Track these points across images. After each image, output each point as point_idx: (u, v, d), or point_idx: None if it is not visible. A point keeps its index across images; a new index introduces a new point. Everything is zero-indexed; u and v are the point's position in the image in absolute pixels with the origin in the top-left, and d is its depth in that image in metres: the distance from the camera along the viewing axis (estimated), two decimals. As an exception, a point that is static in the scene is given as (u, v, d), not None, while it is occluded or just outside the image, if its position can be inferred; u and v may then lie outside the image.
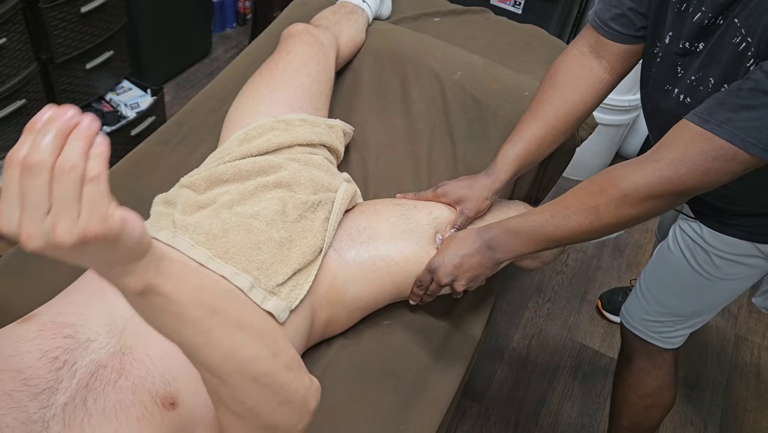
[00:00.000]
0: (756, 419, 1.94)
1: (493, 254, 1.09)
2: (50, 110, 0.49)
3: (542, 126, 1.22)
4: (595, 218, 0.99)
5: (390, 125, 1.52)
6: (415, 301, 1.18)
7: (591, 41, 1.20)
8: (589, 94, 1.22)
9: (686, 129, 0.92)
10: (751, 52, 0.89)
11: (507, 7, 2.31)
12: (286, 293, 1.05)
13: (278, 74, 1.35)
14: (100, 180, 0.49)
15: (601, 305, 2.12)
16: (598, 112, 2.26)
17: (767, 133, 0.86)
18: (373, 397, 1.12)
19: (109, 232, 0.50)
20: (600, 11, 1.17)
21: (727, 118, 0.88)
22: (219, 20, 2.89)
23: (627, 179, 0.96)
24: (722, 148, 0.88)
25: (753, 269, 1.19)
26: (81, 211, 0.49)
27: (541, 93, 1.25)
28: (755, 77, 0.86)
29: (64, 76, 1.96)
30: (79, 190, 0.48)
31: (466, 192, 1.26)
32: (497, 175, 1.24)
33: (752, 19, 0.88)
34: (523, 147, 1.23)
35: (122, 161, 1.40)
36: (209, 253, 1.03)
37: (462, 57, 1.57)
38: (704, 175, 0.91)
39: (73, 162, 0.48)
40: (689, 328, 1.33)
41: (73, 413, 0.76)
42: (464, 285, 1.11)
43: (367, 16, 1.62)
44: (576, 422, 1.85)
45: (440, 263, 1.11)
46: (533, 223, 1.06)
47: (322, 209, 1.16)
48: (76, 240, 0.49)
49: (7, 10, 1.67)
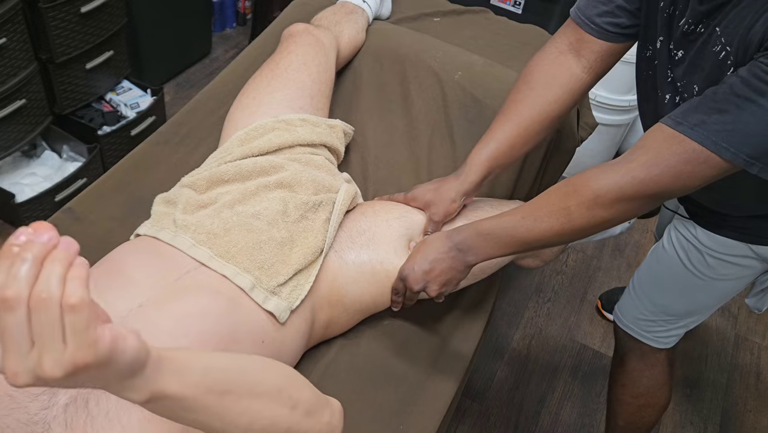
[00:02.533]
0: (756, 419, 1.94)
1: (463, 257, 1.07)
2: (25, 233, 0.46)
3: (515, 127, 1.19)
4: (567, 219, 0.98)
5: (390, 125, 1.52)
6: (396, 308, 1.16)
7: (572, 39, 1.18)
8: (566, 94, 1.19)
9: (660, 131, 0.92)
10: (731, 61, 0.89)
11: (507, 7, 2.31)
12: (287, 293, 1.05)
13: (279, 74, 1.35)
14: (81, 307, 0.46)
15: (601, 305, 2.12)
16: (598, 113, 2.27)
17: (739, 137, 0.85)
18: (373, 397, 1.12)
19: (100, 358, 0.48)
20: (585, 7, 1.14)
21: (700, 121, 0.87)
22: (219, 20, 2.89)
23: (599, 180, 0.95)
24: (694, 151, 0.88)
25: (746, 269, 1.19)
26: (66, 341, 0.46)
27: (515, 92, 1.22)
28: (730, 81, 0.86)
29: (64, 76, 1.96)
30: (59, 320, 0.46)
31: (433, 196, 1.23)
32: (466, 177, 1.21)
33: (731, 28, 0.88)
34: (494, 148, 1.20)
35: (122, 161, 1.40)
36: (210, 252, 1.03)
37: (462, 57, 1.57)
38: (676, 178, 0.90)
39: (50, 291, 0.45)
40: (682, 328, 1.33)
41: (74, 414, 0.76)
42: (437, 290, 1.09)
43: (367, 16, 1.62)
44: (576, 422, 1.85)
45: (410, 270, 1.09)
46: (504, 225, 1.04)
47: (323, 210, 1.16)
48: (65, 373, 0.46)
49: (7, 10, 1.66)
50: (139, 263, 1.00)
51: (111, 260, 1.03)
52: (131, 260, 1.01)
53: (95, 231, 1.25)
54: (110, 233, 1.23)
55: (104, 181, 1.36)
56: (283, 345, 1.04)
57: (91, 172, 1.99)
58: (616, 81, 2.23)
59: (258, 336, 0.99)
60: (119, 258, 1.03)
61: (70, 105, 2.04)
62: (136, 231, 1.12)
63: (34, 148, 2.07)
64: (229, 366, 0.66)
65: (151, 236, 1.07)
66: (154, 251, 1.04)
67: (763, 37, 0.83)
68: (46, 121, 1.95)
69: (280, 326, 1.03)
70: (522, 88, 1.21)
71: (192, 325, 0.91)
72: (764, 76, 0.81)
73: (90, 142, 2.03)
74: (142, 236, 1.10)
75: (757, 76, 0.82)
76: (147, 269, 0.98)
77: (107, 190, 1.33)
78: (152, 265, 1.00)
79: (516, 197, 1.46)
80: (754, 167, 0.87)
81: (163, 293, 0.94)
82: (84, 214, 1.28)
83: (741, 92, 0.84)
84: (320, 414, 0.74)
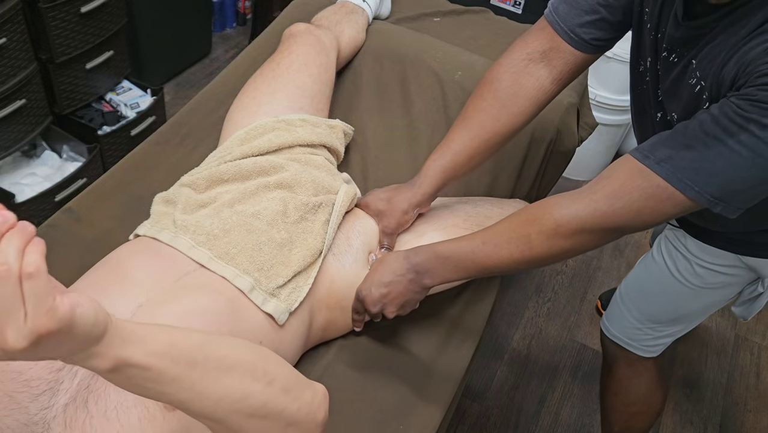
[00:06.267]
0: (756, 419, 1.94)
1: (420, 279, 1.05)
2: None
3: (475, 138, 1.15)
4: (527, 247, 0.96)
5: (390, 125, 1.52)
6: (358, 328, 1.15)
7: (545, 46, 1.11)
8: (532, 106, 1.14)
9: (627, 163, 0.90)
10: (706, 96, 0.88)
11: (507, 7, 2.31)
12: (286, 295, 1.05)
13: (280, 74, 1.35)
14: (39, 274, 0.47)
15: (601, 306, 2.12)
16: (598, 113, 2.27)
17: (704, 176, 0.84)
18: (373, 397, 1.12)
19: (60, 324, 0.48)
20: (565, 14, 1.08)
21: (667, 156, 0.86)
22: (219, 20, 2.89)
23: (561, 209, 0.94)
24: (659, 187, 0.86)
25: (734, 278, 1.17)
26: (27, 311, 0.47)
27: (479, 99, 1.16)
28: (701, 118, 0.84)
29: (64, 76, 1.96)
30: (19, 291, 0.47)
31: (385, 206, 1.20)
32: (419, 188, 1.19)
33: (705, 63, 0.87)
34: (451, 159, 1.16)
35: (122, 161, 1.40)
36: (210, 253, 1.03)
37: (462, 57, 1.57)
38: (638, 213, 0.89)
39: (9, 263, 0.46)
40: (668, 337, 1.31)
41: (74, 414, 0.76)
42: (394, 312, 1.08)
43: (367, 16, 1.62)
44: (576, 422, 1.85)
45: (367, 292, 1.07)
46: (464, 249, 1.01)
47: (322, 211, 1.16)
48: (29, 343, 0.47)
49: (7, 10, 1.66)
50: (139, 264, 0.99)
51: (111, 261, 1.03)
52: (132, 261, 1.01)
53: (95, 231, 1.25)
54: (110, 233, 1.23)
55: (104, 181, 1.36)
56: (281, 346, 1.03)
57: (91, 172, 1.99)
58: (616, 81, 2.23)
59: (256, 337, 0.99)
60: (120, 259, 1.03)
61: (70, 105, 2.03)
62: (135, 231, 1.12)
63: (34, 148, 2.07)
64: (200, 340, 0.66)
65: (150, 237, 1.07)
66: (155, 252, 1.03)
67: (735, 77, 0.82)
68: (46, 121, 1.95)
69: (278, 327, 1.03)
70: (486, 95, 1.15)
71: (192, 324, 0.91)
72: (734, 117, 0.79)
73: (90, 142, 2.03)
74: (141, 236, 1.09)
75: (727, 116, 0.80)
76: (147, 269, 0.98)
77: (107, 190, 1.33)
78: (153, 266, 1.00)
79: (516, 197, 1.46)
80: (717, 207, 0.85)
81: (163, 294, 0.94)
82: (84, 214, 1.28)
83: (710, 131, 0.82)
84: (300, 392, 0.73)
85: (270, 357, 0.75)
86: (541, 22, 1.12)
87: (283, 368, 0.74)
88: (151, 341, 0.59)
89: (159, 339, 0.60)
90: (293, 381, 0.74)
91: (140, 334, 0.58)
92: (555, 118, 1.47)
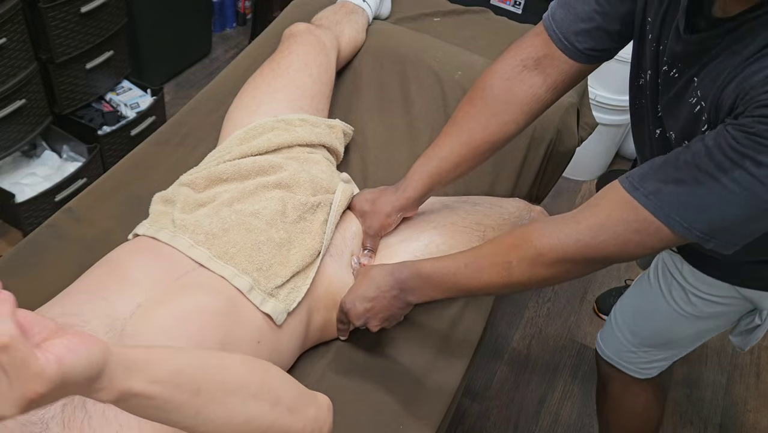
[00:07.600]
0: (756, 419, 1.94)
1: (405, 296, 1.04)
2: None
3: (464, 146, 1.12)
4: (507, 273, 0.94)
5: (390, 125, 1.52)
6: (344, 336, 1.15)
7: (540, 53, 1.07)
8: (524, 115, 1.10)
9: (615, 192, 0.87)
10: (705, 117, 0.83)
11: (507, 7, 2.31)
12: (285, 295, 1.05)
13: (280, 74, 1.35)
14: (13, 344, 0.44)
15: (597, 309, 2.12)
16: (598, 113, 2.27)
17: (693, 212, 0.80)
18: (373, 397, 1.12)
19: (50, 385, 0.46)
20: (561, 20, 1.03)
21: (656, 189, 0.82)
22: (219, 20, 2.89)
23: (543, 237, 0.91)
24: (645, 220, 0.83)
25: (731, 308, 1.13)
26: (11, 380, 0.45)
27: (469, 104, 1.12)
28: (694, 149, 0.80)
29: (64, 76, 1.96)
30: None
31: (369, 208, 1.19)
32: (403, 192, 1.16)
33: (706, 82, 0.82)
34: (437, 165, 1.14)
35: (122, 161, 1.40)
36: (209, 253, 1.03)
37: (462, 57, 1.57)
38: (623, 246, 0.86)
39: None
40: (663, 361, 1.29)
41: (72, 414, 0.76)
42: (378, 326, 1.07)
43: (367, 16, 1.62)
44: (576, 422, 1.85)
45: (351, 306, 1.06)
46: (446, 270, 1.00)
47: (321, 211, 1.16)
48: (20, 409, 0.46)
49: (7, 10, 1.67)
50: (138, 264, 1.00)
51: (110, 260, 1.03)
52: (131, 261, 1.01)
53: (95, 231, 1.25)
54: (110, 233, 1.23)
55: (104, 181, 1.36)
56: (279, 346, 1.04)
57: (91, 172, 1.99)
58: (616, 81, 2.23)
59: (254, 337, 0.99)
60: (119, 258, 1.03)
61: (70, 105, 2.04)
62: (134, 231, 1.12)
63: (34, 148, 2.07)
64: (203, 364, 0.65)
65: (149, 236, 1.07)
66: (154, 252, 1.03)
67: (734, 102, 0.77)
68: (46, 121, 1.95)
69: (276, 327, 1.03)
70: (477, 101, 1.11)
71: (191, 323, 0.91)
72: (728, 151, 0.75)
73: (90, 142, 2.03)
74: (140, 236, 1.09)
75: (721, 149, 0.76)
76: (147, 269, 0.98)
77: (107, 190, 1.33)
78: (152, 265, 1.00)
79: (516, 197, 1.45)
80: (709, 243, 0.82)
81: (163, 293, 0.94)
82: (84, 214, 1.28)
83: (703, 165, 0.78)
84: (305, 410, 0.73)
85: (275, 375, 0.74)
86: (538, 27, 1.08)
87: (287, 384, 0.74)
88: (155, 369, 0.58)
89: (163, 366, 0.59)
90: (298, 400, 0.74)
91: (144, 360, 0.57)
92: (555, 118, 1.47)
